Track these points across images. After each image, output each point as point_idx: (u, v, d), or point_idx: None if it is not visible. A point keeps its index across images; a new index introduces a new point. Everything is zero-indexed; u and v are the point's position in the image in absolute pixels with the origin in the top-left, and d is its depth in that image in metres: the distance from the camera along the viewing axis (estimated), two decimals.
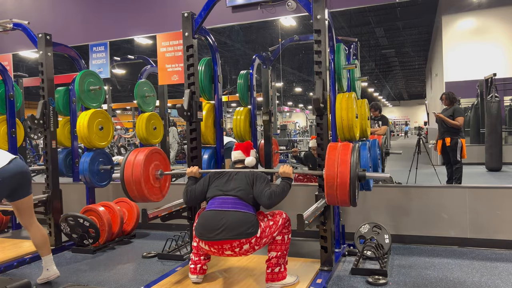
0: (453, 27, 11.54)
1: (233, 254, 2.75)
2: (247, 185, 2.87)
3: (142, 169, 3.24)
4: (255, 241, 2.71)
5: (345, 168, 2.73)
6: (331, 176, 2.76)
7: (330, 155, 2.82)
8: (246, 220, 2.71)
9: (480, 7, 10.89)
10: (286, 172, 2.91)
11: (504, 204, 3.79)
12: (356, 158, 2.78)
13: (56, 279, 3.33)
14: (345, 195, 2.75)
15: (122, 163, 3.32)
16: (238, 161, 3.18)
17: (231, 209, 2.75)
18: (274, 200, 2.79)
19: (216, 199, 2.85)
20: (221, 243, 2.68)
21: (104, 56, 5.34)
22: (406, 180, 6.53)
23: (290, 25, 5.15)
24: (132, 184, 3.24)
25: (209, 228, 2.71)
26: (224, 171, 3.06)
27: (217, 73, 4.14)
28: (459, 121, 5.55)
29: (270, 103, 5.19)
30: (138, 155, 3.31)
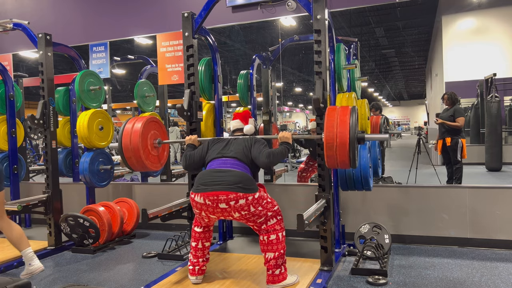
0: (453, 27, 11.54)
1: (227, 209, 2.69)
2: (246, 148, 2.91)
3: (140, 137, 3.22)
4: (251, 200, 2.70)
5: (344, 129, 2.70)
6: (330, 137, 2.71)
7: (329, 117, 2.78)
8: (244, 177, 2.75)
9: (480, 7, 10.89)
10: (285, 136, 2.96)
11: (504, 204, 3.79)
12: (355, 119, 2.75)
13: (56, 279, 3.33)
14: (345, 156, 2.71)
15: (120, 131, 3.30)
16: (236, 130, 3.21)
17: (229, 168, 2.79)
18: (272, 160, 2.80)
19: (215, 161, 2.89)
20: (217, 194, 2.66)
21: (104, 56, 5.34)
22: (406, 180, 6.53)
23: (290, 25, 5.15)
24: (130, 152, 3.23)
25: (205, 181, 2.73)
26: (223, 138, 3.09)
27: (217, 73, 4.14)
28: (459, 122, 5.56)
29: (270, 103, 5.20)
30: (135, 123, 3.29)
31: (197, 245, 3.02)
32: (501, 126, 8.57)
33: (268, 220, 2.83)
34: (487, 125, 8.45)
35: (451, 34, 11.49)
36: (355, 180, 3.48)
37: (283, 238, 2.86)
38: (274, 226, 2.83)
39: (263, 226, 2.83)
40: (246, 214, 2.75)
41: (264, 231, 2.83)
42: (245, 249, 3.97)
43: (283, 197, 4.37)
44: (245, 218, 2.79)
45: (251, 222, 2.84)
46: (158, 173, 5.74)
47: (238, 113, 3.27)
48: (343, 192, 3.94)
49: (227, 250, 3.95)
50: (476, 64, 10.53)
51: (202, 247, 3.02)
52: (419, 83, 30.14)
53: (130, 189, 5.12)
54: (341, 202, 3.92)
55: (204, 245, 3.03)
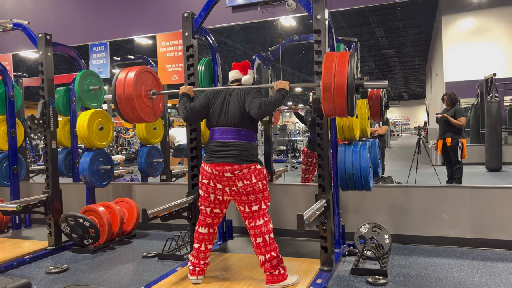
0: (453, 27, 11.54)
1: (231, 177, 2.82)
2: (240, 106, 2.91)
3: (134, 87, 3.17)
4: (253, 169, 2.84)
5: (343, 71, 2.63)
6: (328, 84, 2.65)
7: (327, 60, 2.72)
8: (246, 148, 2.87)
9: (480, 7, 10.89)
10: (282, 83, 2.93)
11: (504, 204, 3.79)
12: (354, 64, 2.69)
13: (56, 279, 3.33)
14: (343, 103, 2.66)
15: (112, 81, 3.24)
16: (235, 80, 3.17)
17: (231, 140, 2.87)
18: (265, 109, 2.79)
19: (216, 130, 2.96)
20: (223, 165, 2.82)
21: (104, 56, 5.34)
22: (406, 180, 6.53)
23: (290, 25, 5.15)
24: (124, 102, 3.19)
25: (214, 155, 2.87)
26: (219, 89, 3.09)
27: (217, 73, 4.14)
28: (461, 121, 5.57)
29: None
30: (129, 73, 3.23)
31: (199, 247, 3.01)
32: (501, 126, 8.57)
33: (258, 217, 2.86)
34: (487, 125, 8.45)
35: (451, 34, 11.49)
36: (355, 180, 3.48)
37: (271, 239, 2.86)
38: (261, 228, 2.85)
39: (252, 224, 2.86)
40: (248, 185, 2.82)
41: (252, 232, 2.87)
42: (245, 249, 3.96)
43: (283, 197, 4.37)
44: (245, 191, 2.84)
45: (247, 203, 2.87)
46: (158, 173, 5.74)
47: (237, 63, 3.21)
48: (343, 192, 3.94)
49: (227, 250, 3.95)
50: (476, 64, 10.53)
51: (205, 249, 3.02)
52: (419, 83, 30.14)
53: (130, 189, 5.12)
54: (341, 202, 3.92)
55: (206, 247, 3.03)
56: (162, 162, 5.70)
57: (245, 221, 2.93)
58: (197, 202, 3.23)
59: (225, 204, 3.04)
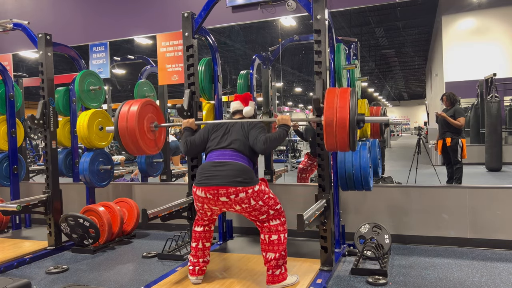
0: (453, 27, 11.54)
1: (227, 202, 2.71)
2: (243, 136, 2.90)
3: (136, 120, 3.18)
4: (251, 193, 2.69)
5: (344, 111, 2.66)
6: (330, 119, 2.68)
7: (328, 99, 2.74)
8: (244, 170, 2.74)
9: (480, 7, 10.89)
10: (284, 119, 2.94)
11: (504, 204, 3.79)
12: (355, 102, 2.72)
13: (56, 279, 3.34)
14: (345, 139, 2.67)
15: (116, 114, 3.26)
16: (236, 112, 3.19)
17: (228, 160, 2.78)
18: (270, 145, 2.80)
19: (214, 152, 2.89)
20: (217, 188, 2.68)
21: (104, 56, 5.34)
22: (406, 180, 6.53)
23: (290, 25, 5.15)
24: (126, 136, 3.19)
25: (206, 175, 2.74)
26: (222, 122, 3.07)
27: (217, 73, 4.14)
28: (460, 121, 5.57)
29: (270, 103, 5.19)
30: (132, 106, 3.24)
31: (197, 245, 3.02)
32: (501, 126, 8.57)
33: (270, 219, 2.83)
34: (487, 125, 8.45)
35: (451, 34, 11.49)
36: (355, 180, 3.48)
37: (285, 239, 2.85)
38: (277, 227, 2.83)
39: (266, 224, 2.83)
40: (247, 208, 2.75)
41: (266, 230, 2.82)
42: (245, 249, 3.96)
43: (283, 197, 4.36)
44: (246, 212, 2.79)
45: (253, 217, 2.84)
46: (158, 173, 5.74)
47: (238, 95, 3.24)
48: (343, 192, 3.94)
49: (227, 250, 3.95)
50: (476, 64, 10.53)
51: (203, 247, 3.02)
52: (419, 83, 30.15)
53: (130, 189, 5.12)
54: (341, 202, 3.92)
55: (204, 245, 3.03)
56: (162, 162, 5.71)
57: (255, 222, 2.89)
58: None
59: (223, 213, 3.03)
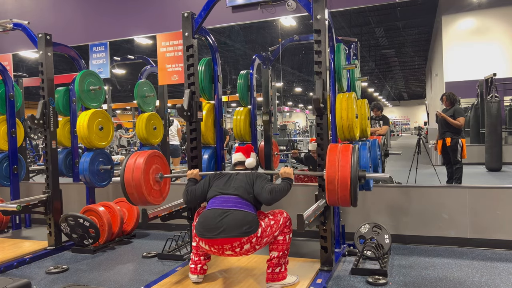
0: (453, 27, 11.54)
1: (233, 254, 2.74)
2: (247, 184, 2.89)
3: (142, 173, 3.23)
4: (255, 241, 2.69)
5: (346, 169, 2.74)
6: (332, 177, 2.76)
7: (330, 157, 2.83)
8: (247, 219, 2.70)
9: (480, 7, 10.89)
10: (286, 172, 2.95)
11: (504, 204, 3.79)
12: (356, 159, 2.80)
13: (56, 279, 3.34)
14: (346, 196, 2.75)
15: (121, 166, 3.32)
16: (238, 163, 3.22)
17: (231, 208, 2.74)
18: (275, 196, 2.80)
19: (217, 198, 2.86)
20: (221, 243, 2.66)
21: (104, 56, 5.34)
22: (406, 180, 6.53)
23: (290, 25, 5.15)
24: (132, 188, 3.23)
25: (209, 227, 2.69)
26: (225, 173, 3.08)
27: (217, 73, 4.14)
28: (460, 121, 5.56)
29: (270, 103, 5.19)
30: (138, 158, 3.30)
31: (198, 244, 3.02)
32: (501, 126, 8.57)
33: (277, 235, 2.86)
34: (487, 125, 8.45)
35: (451, 34, 11.49)
36: None
37: (290, 239, 2.89)
38: (283, 229, 2.87)
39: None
40: (253, 251, 2.76)
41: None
42: None
43: None
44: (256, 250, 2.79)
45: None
46: None
47: (240, 147, 3.29)
48: None
49: None
50: (476, 64, 10.53)
51: None
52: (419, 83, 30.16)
53: None
54: None
55: None
56: None
57: None
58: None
59: None
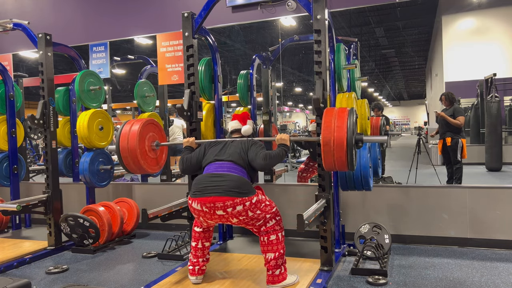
0: (453, 27, 11.54)
1: (224, 215, 2.69)
2: (242, 150, 2.91)
3: (137, 140, 3.20)
4: (249, 205, 2.68)
5: (342, 130, 2.67)
6: (327, 138, 2.69)
7: (326, 119, 2.76)
8: (241, 181, 2.73)
9: (480, 7, 10.89)
10: (282, 138, 2.96)
11: (504, 204, 3.79)
12: (353, 121, 2.72)
13: (56, 279, 3.34)
14: (342, 158, 2.68)
15: (117, 134, 3.29)
16: (234, 131, 3.22)
17: (225, 172, 2.77)
18: (269, 162, 2.80)
19: (211, 165, 2.89)
20: (213, 200, 2.65)
21: (104, 56, 5.34)
22: (406, 180, 6.53)
23: (290, 25, 5.15)
24: (128, 155, 3.21)
25: (202, 187, 2.72)
26: (220, 140, 3.09)
27: (217, 73, 4.14)
28: (460, 120, 5.57)
29: (270, 103, 5.20)
30: (133, 126, 3.27)
31: (197, 245, 3.02)
32: (501, 126, 8.57)
33: (267, 222, 2.83)
34: (487, 125, 8.45)
35: (451, 34, 11.49)
36: (355, 180, 3.48)
37: (283, 238, 2.87)
38: (274, 227, 2.84)
39: (262, 228, 2.83)
40: (244, 219, 2.75)
41: (264, 232, 2.83)
42: (245, 249, 3.97)
43: (283, 197, 4.37)
44: (244, 223, 2.80)
45: (250, 226, 2.84)
46: (158, 173, 5.74)
47: (237, 114, 3.28)
48: (343, 192, 3.94)
49: (227, 250, 3.95)
50: (476, 64, 10.53)
51: (202, 247, 3.02)
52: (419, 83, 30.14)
53: (130, 189, 5.12)
54: (341, 202, 3.92)
55: (204, 245, 3.03)
56: None
57: (252, 229, 2.90)
58: None
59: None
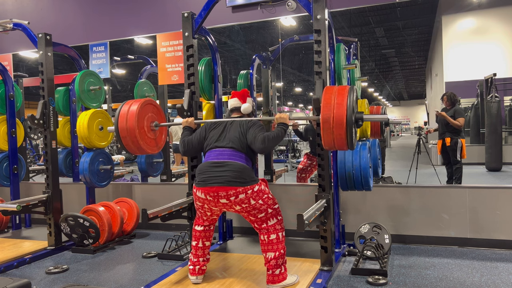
0: (453, 27, 11.54)
1: (228, 203, 2.74)
2: (241, 134, 2.90)
3: (136, 120, 3.19)
4: (251, 193, 2.72)
5: (342, 107, 2.64)
6: (327, 115, 2.66)
7: (326, 96, 2.73)
8: (243, 169, 2.75)
9: (480, 7, 10.90)
10: (282, 117, 2.93)
11: (504, 204, 3.79)
12: (353, 99, 2.69)
13: (56, 279, 3.34)
14: (342, 135, 2.66)
15: (116, 114, 3.28)
16: (234, 109, 3.18)
17: (226, 160, 2.79)
18: (268, 145, 2.80)
19: (212, 152, 2.89)
20: (216, 190, 2.70)
21: (104, 56, 5.34)
22: (406, 180, 6.53)
23: (290, 25, 5.15)
24: (127, 135, 3.20)
25: (206, 176, 2.75)
26: (220, 121, 3.07)
27: (217, 73, 4.14)
28: (460, 122, 5.56)
29: (270, 103, 5.20)
30: (131, 106, 3.26)
31: (197, 244, 3.02)
32: (501, 126, 8.57)
33: (268, 219, 2.84)
34: (487, 125, 8.45)
35: (451, 34, 11.50)
36: (355, 180, 3.48)
37: (283, 238, 2.87)
38: (275, 226, 2.84)
39: (264, 225, 2.83)
40: (247, 207, 2.77)
41: (265, 230, 2.83)
42: (245, 249, 3.97)
43: (283, 197, 4.37)
44: (246, 211, 2.80)
45: (252, 216, 2.84)
46: (158, 173, 5.74)
47: (236, 92, 3.23)
48: (343, 192, 3.94)
49: (227, 250, 3.95)
50: (476, 64, 10.53)
51: (203, 246, 3.03)
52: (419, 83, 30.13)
53: (130, 189, 5.12)
54: (341, 202, 3.92)
55: (204, 244, 3.03)
56: (162, 162, 5.70)
57: (253, 224, 2.90)
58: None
59: (223, 213, 3.03)
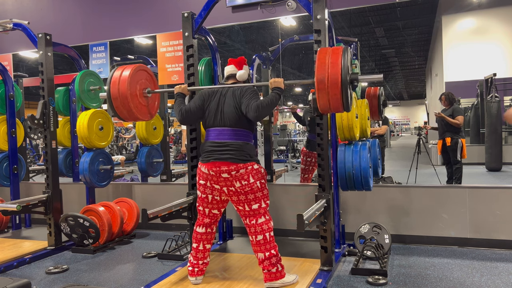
0: (453, 27, 11.54)
1: (229, 178, 2.81)
2: (236, 108, 2.90)
3: (128, 84, 3.18)
4: (251, 169, 2.82)
5: (336, 66, 2.60)
6: (322, 75, 2.63)
7: (320, 56, 2.70)
8: (243, 147, 2.85)
9: (480, 7, 10.89)
10: (276, 81, 2.92)
11: (504, 204, 3.79)
12: (347, 58, 2.66)
13: (56, 279, 3.33)
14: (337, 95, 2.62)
15: (108, 79, 3.27)
16: (230, 76, 3.15)
17: (227, 140, 2.86)
18: (262, 112, 2.80)
19: (212, 131, 2.94)
20: (219, 165, 2.81)
21: (104, 56, 5.34)
22: (406, 180, 6.53)
23: (290, 25, 5.15)
24: (118, 100, 3.19)
25: (209, 155, 2.87)
26: (214, 87, 3.08)
27: (217, 73, 4.14)
28: (459, 120, 5.56)
29: None
30: (124, 71, 3.25)
31: (198, 246, 3.02)
32: (501, 126, 8.57)
33: (258, 216, 2.86)
34: (487, 125, 8.44)
35: (451, 34, 11.49)
36: (355, 180, 3.48)
37: (271, 238, 2.87)
38: (262, 226, 2.86)
39: (253, 222, 2.86)
40: (245, 185, 2.82)
41: (253, 230, 2.86)
42: (245, 249, 3.96)
43: (283, 197, 4.37)
44: (243, 191, 2.83)
45: (246, 203, 2.86)
46: (158, 173, 5.74)
47: (233, 59, 3.20)
48: (343, 192, 3.94)
49: (227, 250, 3.95)
50: (476, 64, 10.53)
51: (203, 249, 3.02)
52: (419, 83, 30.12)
53: (130, 189, 5.12)
54: (341, 202, 3.92)
55: (205, 247, 3.03)
56: (162, 162, 5.71)
57: (244, 220, 2.92)
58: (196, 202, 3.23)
59: (223, 204, 3.04)
